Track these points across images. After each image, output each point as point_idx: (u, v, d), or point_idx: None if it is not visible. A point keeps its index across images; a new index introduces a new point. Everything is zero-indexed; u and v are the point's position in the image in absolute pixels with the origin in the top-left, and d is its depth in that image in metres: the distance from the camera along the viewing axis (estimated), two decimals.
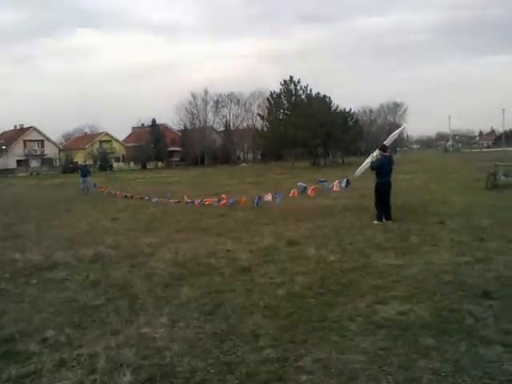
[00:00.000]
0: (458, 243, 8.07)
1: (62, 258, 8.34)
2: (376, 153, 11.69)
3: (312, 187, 12.84)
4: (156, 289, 6.18)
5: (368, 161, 12.27)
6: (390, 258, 7.08)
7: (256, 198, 13.54)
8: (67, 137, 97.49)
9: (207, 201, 15.14)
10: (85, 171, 25.69)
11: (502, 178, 17.65)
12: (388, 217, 10.88)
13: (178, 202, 16.01)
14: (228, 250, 8.21)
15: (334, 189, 12.45)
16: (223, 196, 15.08)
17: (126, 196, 19.69)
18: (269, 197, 13.22)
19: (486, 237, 8.47)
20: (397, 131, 15.39)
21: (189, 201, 15.68)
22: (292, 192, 13.09)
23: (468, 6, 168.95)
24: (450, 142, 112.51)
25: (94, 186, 24.33)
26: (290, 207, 13.93)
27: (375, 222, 10.78)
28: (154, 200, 17.09)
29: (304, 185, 13.10)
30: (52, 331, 4.83)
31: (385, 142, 12.67)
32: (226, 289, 5.98)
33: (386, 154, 11.42)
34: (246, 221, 11.94)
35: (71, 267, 7.65)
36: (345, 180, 12.25)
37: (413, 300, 5.16)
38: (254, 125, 76.47)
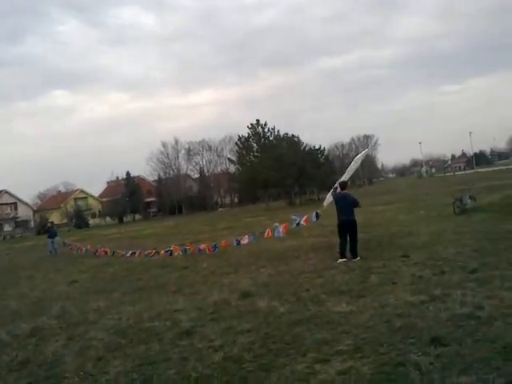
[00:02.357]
0: (418, 279, 7.69)
1: None
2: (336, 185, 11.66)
3: (284, 225, 13.78)
4: (87, 365, 5.58)
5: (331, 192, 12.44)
6: (343, 305, 6.58)
7: (234, 241, 14.52)
8: (42, 197, 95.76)
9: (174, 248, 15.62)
10: (52, 232, 25.07)
11: (468, 201, 17.51)
12: (354, 255, 10.51)
13: (153, 254, 15.98)
14: (175, 311, 7.65)
15: (303, 223, 13.15)
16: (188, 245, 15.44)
17: (95, 253, 19.21)
18: (245, 240, 14.13)
19: (448, 269, 8.13)
20: (355, 159, 15.27)
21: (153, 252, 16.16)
22: (267, 233, 14.02)
23: (422, 39, 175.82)
24: (424, 168, 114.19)
25: (64, 244, 23.71)
26: (258, 251, 13.66)
27: (339, 260, 10.38)
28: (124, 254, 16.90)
29: (277, 224, 14.12)
30: None
31: (344, 176, 12.56)
32: (161, 358, 5.41)
33: (341, 190, 11.16)
34: (207, 272, 11.48)
35: (3, 346, 7.00)
36: (313, 214, 12.80)
37: (357, 355, 4.66)
38: (228, 169, 76.65)
